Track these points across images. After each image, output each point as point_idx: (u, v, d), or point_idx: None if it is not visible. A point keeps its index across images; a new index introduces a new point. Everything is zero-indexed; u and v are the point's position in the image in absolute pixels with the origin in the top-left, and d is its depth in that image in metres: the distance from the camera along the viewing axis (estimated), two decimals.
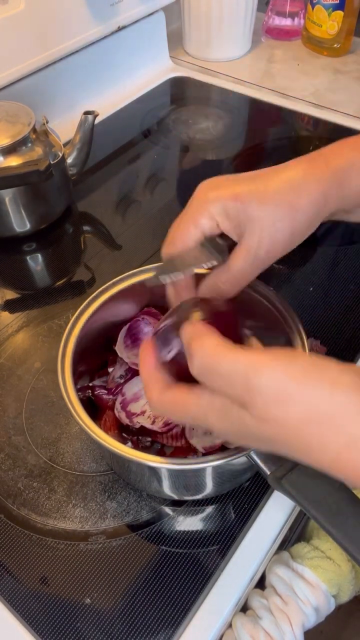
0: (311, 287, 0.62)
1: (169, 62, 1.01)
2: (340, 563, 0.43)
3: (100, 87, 0.90)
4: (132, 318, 0.49)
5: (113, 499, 0.47)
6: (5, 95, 0.75)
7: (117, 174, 0.80)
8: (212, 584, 0.42)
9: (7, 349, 0.58)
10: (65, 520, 0.45)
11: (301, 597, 0.41)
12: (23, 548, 0.44)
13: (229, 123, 0.89)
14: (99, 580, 0.42)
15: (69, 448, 0.50)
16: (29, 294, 0.64)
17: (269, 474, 0.34)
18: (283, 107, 0.91)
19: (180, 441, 0.44)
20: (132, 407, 0.44)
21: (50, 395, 0.54)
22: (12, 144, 0.62)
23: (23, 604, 0.41)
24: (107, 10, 0.82)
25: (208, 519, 0.45)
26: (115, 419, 0.45)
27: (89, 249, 0.69)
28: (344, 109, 0.89)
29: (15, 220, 0.67)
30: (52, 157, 0.65)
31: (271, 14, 1.06)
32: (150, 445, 0.46)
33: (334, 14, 0.95)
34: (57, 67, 0.81)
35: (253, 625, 0.40)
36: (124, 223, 0.71)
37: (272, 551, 0.45)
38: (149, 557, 0.43)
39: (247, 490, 0.47)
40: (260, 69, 1.00)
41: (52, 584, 0.42)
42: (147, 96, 0.94)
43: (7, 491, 0.47)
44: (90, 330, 0.45)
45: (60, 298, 0.63)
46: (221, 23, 0.96)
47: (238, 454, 0.35)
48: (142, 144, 0.86)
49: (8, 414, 0.52)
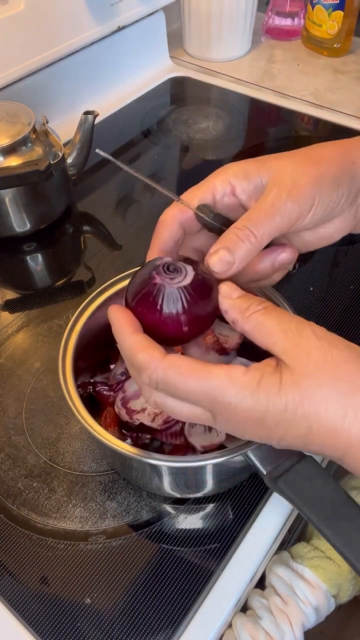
0: (311, 287, 0.62)
1: (169, 62, 1.01)
2: (340, 563, 0.43)
3: (100, 87, 0.90)
4: None
5: (113, 499, 0.47)
6: (5, 95, 0.75)
7: (117, 174, 0.80)
8: (212, 584, 0.42)
9: (7, 349, 0.58)
10: (65, 520, 0.45)
11: (301, 597, 0.41)
12: (23, 548, 0.44)
13: (229, 123, 0.89)
14: (99, 580, 0.42)
15: (69, 448, 0.50)
16: (29, 294, 0.64)
17: (266, 474, 0.34)
18: (283, 107, 0.91)
19: (179, 439, 0.44)
20: (132, 404, 0.44)
21: (50, 395, 0.54)
22: (12, 144, 0.62)
23: (23, 604, 0.41)
24: (107, 10, 0.82)
25: (208, 519, 0.45)
26: (116, 415, 0.45)
27: (89, 249, 0.69)
28: (344, 109, 0.89)
29: (15, 220, 0.67)
30: (52, 157, 0.65)
31: (271, 14, 1.06)
32: (150, 442, 0.46)
33: (334, 14, 0.95)
34: (57, 67, 0.81)
35: (253, 625, 0.40)
36: (124, 223, 0.71)
37: (272, 551, 0.45)
38: (149, 557, 0.43)
39: (247, 490, 0.47)
40: (260, 69, 1.00)
41: (52, 584, 0.42)
42: (147, 96, 0.94)
43: (7, 491, 0.47)
44: (93, 327, 0.45)
45: (60, 298, 0.63)
46: (221, 23, 0.96)
47: (237, 452, 0.35)
48: (142, 144, 0.86)
49: (8, 414, 0.52)
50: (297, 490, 0.32)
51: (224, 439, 0.43)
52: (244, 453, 0.35)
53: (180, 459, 0.37)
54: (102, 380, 0.49)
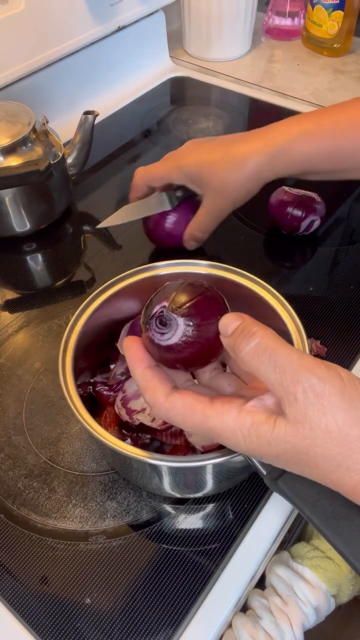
0: (311, 287, 0.62)
1: (169, 62, 1.01)
2: (340, 563, 0.43)
3: (100, 87, 0.90)
4: (135, 315, 0.49)
5: (113, 499, 0.47)
6: (5, 95, 0.75)
7: (117, 174, 0.80)
8: (212, 584, 0.42)
9: (7, 349, 0.58)
10: (65, 520, 0.45)
11: (301, 597, 0.41)
12: (23, 548, 0.44)
13: (229, 123, 0.89)
14: (99, 580, 0.42)
15: (69, 448, 0.50)
16: (29, 294, 0.64)
17: (265, 474, 0.33)
18: (283, 107, 0.91)
19: (179, 439, 0.44)
20: (132, 404, 0.44)
21: (50, 395, 0.54)
22: (12, 144, 0.62)
23: (23, 604, 0.41)
24: (107, 10, 0.82)
25: (208, 519, 0.45)
26: (116, 415, 0.45)
27: (89, 249, 0.69)
28: None
29: (15, 220, 0.67)
30: (52, 157, 0.64)
31: (271, 14, 1.06)
32: (150, 442, 0.46)
33: (334, 14, 0.95)
34: (57, 67, 0.81)
35: (253, 625, 0.40)
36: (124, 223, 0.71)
37: (272, 551, 0.45)
38: (149, 557, 0.43)
39: (247, 490, 0.47)
40: (260, 69, 1.00)
41: (52, 584, 0.42)
42: (147, 96, 0.94)
43: (7, 491, 0.47)
44: (93, 327, 0.45)
45: (60, 298, 0.63)
46: (221, 23, 0.96)
47: (237, 453, 0.35)
48: (142, 144, 0.86)
49: (8, 414, 0.52)
50: (297, 490, 0.32)
51: None
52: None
53: (180, 459, 0.37)
54: (102, 380, 0.49)
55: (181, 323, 0.34)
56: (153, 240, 0.65)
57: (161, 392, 0.33)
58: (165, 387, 0.33)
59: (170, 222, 0.62)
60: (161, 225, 0.62)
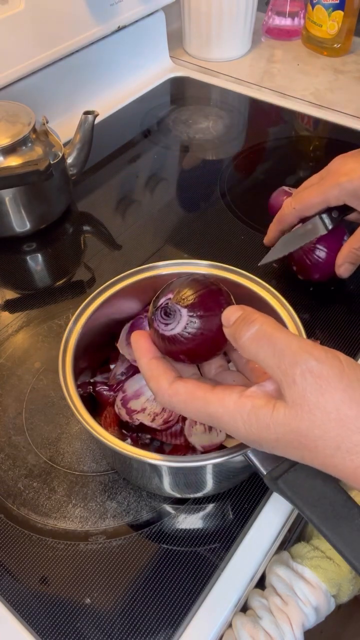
0: (311, 287, 0.62)
1: (169, 62, 1.01)
2: (340, 563, 0.43)
3: (100, 87, 0.90)
4: (135, 315, 0.49)
5: (113, 499, 0.47)
6: (5, 95, 0.75)
7: (117, 174, 0.80)
8: (212, 584, 0.42)
9: (7, 349, 0.58)
10: (65, 520, 0.45)
11: (301, 597, 0.41)
12: (23, 548, 0.44)
13: (229, 123, 0.89)
14: (99, 580, 0.42)
15: (69, 448, 0.50)
16: (29, 294, 0.64)
17: (265, 474, 0.34)
18: (283, 107, 0.91)
19: (179, 439, 0.44)
20: (132, 404, 0.44)
21: (50, 395, 0.54)
22: (12, 144, 0.62)
23: (23, 604, 0.41)
24: (107, 10, 0.82)
25: (208, 519, 0.45)
26: (116, 415, 0.45)
27: (89, 249, 0.69)
28: (344, 108, 0.89)
29: (15, 220, 0.67)
30: (52, 157, 0.65)
31: (271, 14, 1.06)
32: (150, 442, 0.46)
33: (334, 14, 0.95)
34: (57, 67, 0.81)
35: (253, 625, 0.40)
36: (124, 223, 0.71)
37: (272, 551, 0.45)
38: (149, 557, 0.43)
39: (247, 490, 0.47)
40: (260, 68, 1.00)
41: (52, 584, 0.42)
42: (147, 96, 0.94)
43: (7, 491, 0.47)
44: (93, 327, 0.45)
45: (60, 298, 0.63)
46: (221, 23, 0.96)
47: (237, 453, 0.35)
48: (142, 144, 0.86)
49: (8, 414, 0.52)
50: (297, 490, 0.32)
51: (224, 439, 0.43)
52: (244, 453, 0.35)
53: (180, 459, 0.37)
54: (102, 380, 0.49)
55: (184, 314, 0.34)
56: (301, 271, 0.60)
57: (165, 380, 0.34)
58: (169, 376, 0.34)
59: (322, 247, 0.57)
60: (311, 254, 0.57)
